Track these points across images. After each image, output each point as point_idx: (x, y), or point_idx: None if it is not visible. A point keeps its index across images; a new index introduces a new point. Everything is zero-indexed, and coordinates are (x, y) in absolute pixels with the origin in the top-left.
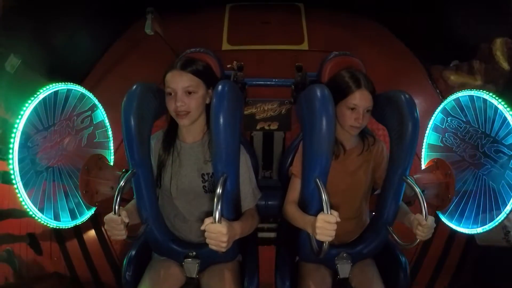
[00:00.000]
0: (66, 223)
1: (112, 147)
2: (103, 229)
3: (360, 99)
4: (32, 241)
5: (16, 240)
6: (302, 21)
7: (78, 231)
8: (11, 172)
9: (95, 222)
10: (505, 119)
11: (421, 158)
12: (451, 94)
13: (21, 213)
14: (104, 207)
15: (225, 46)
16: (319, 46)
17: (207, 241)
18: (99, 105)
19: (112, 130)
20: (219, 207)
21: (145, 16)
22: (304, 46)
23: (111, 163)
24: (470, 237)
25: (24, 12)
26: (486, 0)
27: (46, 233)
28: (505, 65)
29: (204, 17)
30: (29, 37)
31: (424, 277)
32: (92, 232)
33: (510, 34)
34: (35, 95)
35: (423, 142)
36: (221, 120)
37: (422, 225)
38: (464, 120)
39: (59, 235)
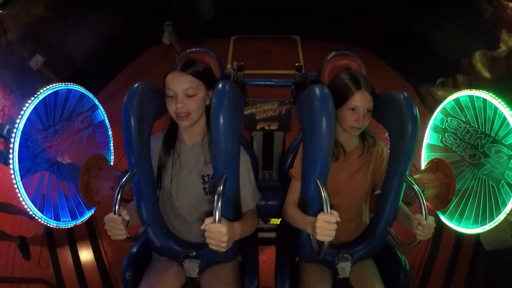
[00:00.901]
0: (66, 223)
1: (112, 147)
2: (98, 236)
3: (360, 100)
4: (22, 244)
5: (6, 239)
6: (299, 50)
7: (71, 238)
8: (12, 172)
9: (91, 228)
10: (505, 119)
11: (421, 158)
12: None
13: (15, 209)
14: (101, 212)
15: (229, 69)
16: (314, 70)
17: (207, 241)
18: (99, 105)
19: (119, 139)
20: (219, 207)
21: (161, 41)
22: None
23: (111, 163)
24: (478, 241)
25: (52, 23)
26: (463, 19)
27: (37, 238)
28: (486, 74)
29: (210, 46)
30: (54, 46)
31: (435, 284)
32: (86, 241)
33: (486, 46)
34: (36, 95)
35: (423, 142)
36: (221, 120)
37: (422, 225)
38: (464, 120)
39: (50, 241)
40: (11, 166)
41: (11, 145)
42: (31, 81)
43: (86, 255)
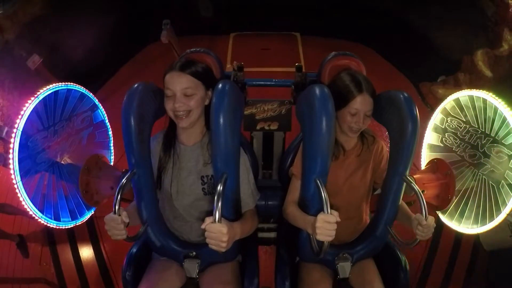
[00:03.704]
0: (66, 223)
1: (112, 147)
2: (99, 235)
3: (361, 103)
4: (21, 242)
5: (5, 237)
6: (299, 47)
7: (72, 238)
8: (12, 172)
9: (91, 228)
10: (505, 119)
11: (421, 158)
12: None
13: (14, 210)
14: (101, 211)
15: (228, 68)
16: (315, 68)
17: (207, 240)
18: (99, 105)
19: (118, 138)
20: (219, 206)
21: (159, 39)
22: None
23: (111, 163)
24: (477, 240)
25: (49, 22)
26: (464, 17)
27: (38, 237)
28: (488, 73)
29: (210, 43)
30: (51, 45)
31: (434, 283)
32: (86, 240)
33: (488, 44)
34: (36, 95)
35: (423, 142)
36: (221, 120)
37: (422, 225)
38: (464, 120)
39: (51, 240)
40: (11, 166)
41: (11, 145)
42: (29, 81)
43: (86, 254)
